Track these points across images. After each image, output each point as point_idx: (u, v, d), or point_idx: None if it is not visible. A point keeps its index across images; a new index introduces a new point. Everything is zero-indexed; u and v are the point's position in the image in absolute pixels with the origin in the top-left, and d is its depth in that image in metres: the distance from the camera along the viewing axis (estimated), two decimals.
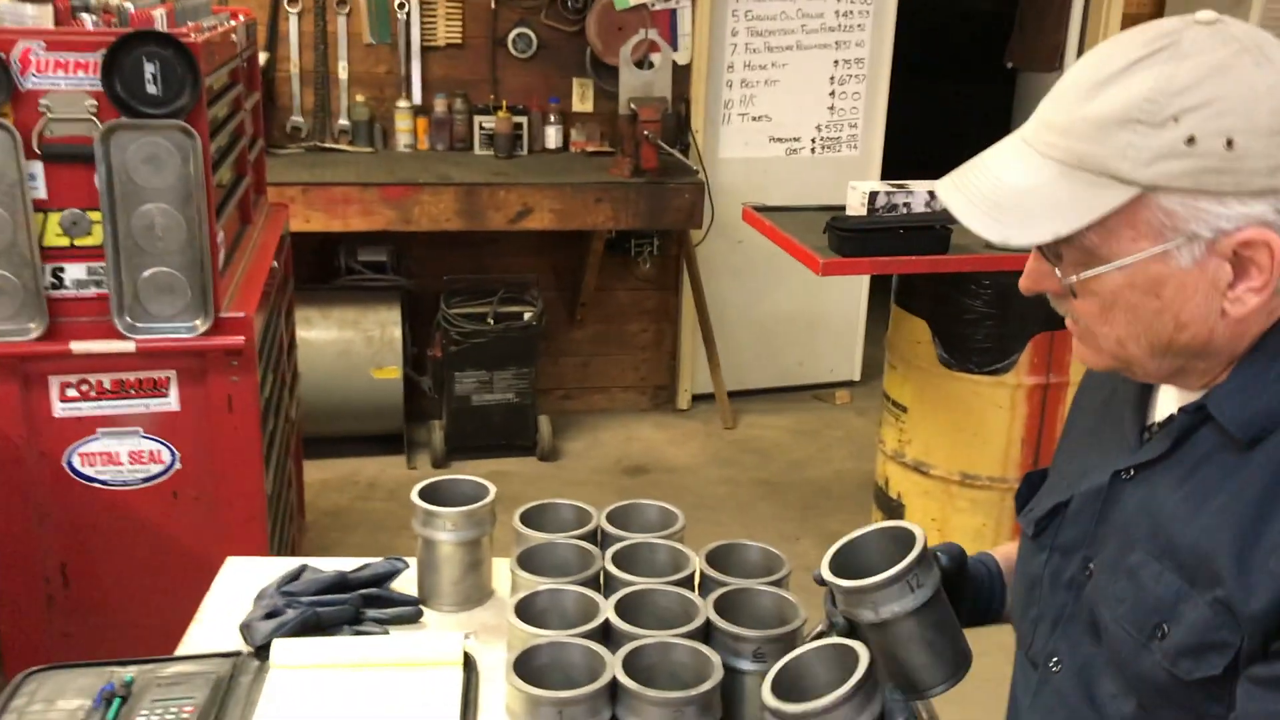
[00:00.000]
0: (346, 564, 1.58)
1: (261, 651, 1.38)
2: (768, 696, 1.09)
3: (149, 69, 2.06)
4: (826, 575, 1.15)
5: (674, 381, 4.88)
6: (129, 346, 2.17)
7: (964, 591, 1.23)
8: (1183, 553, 0.96)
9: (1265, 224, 0.89)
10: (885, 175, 4.74)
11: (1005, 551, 1.31)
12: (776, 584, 1.35)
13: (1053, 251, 0.97)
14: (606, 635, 1.27)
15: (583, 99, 4.42)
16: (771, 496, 4.12)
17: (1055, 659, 1.10)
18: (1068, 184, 0.92)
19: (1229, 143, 0.87)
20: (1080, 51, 4.83)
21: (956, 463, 3.28)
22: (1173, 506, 0.99)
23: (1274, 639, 0.89)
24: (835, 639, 1.14)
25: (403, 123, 4.30)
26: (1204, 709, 0.95)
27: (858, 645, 1.11)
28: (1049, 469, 1.22)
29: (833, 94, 4.76)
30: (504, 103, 4.30)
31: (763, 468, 4.38)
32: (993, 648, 1.27)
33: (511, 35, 4.31)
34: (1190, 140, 0.87)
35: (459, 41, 4.30)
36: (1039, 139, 0.95)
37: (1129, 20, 4.71)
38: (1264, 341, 0.96)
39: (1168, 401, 1.06)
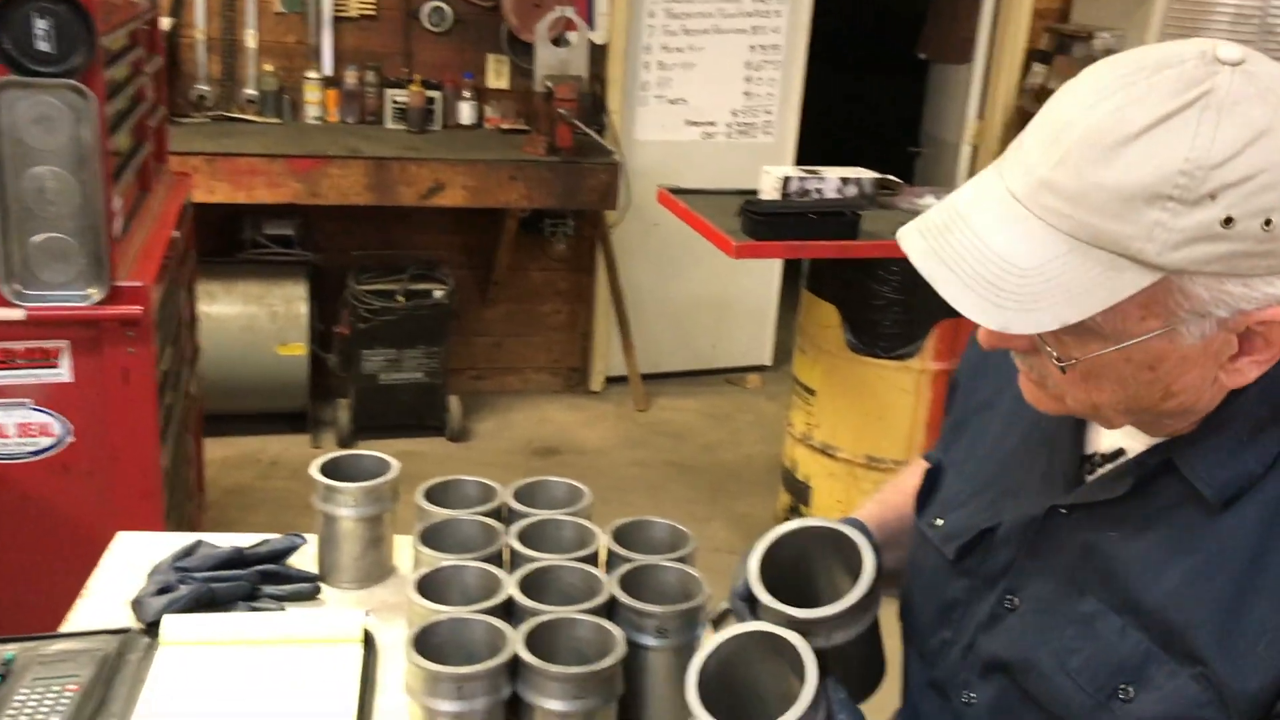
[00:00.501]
0: (243, 540, 1.54)
1: (152, 628, 1.34)
2: (700, 713, 0.96)
3: (40, 25, 1.98)
4: (767, 600, 1.03)
5: (587, 363, 4.87)
6: (18, 315, 2.09)
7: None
8: (1148, 613, 0.90)
9: None
10: (799, 162, 4.78)
11: (874, 516, 1.25)
12: (682, 560, 1.35)
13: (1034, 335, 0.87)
14: (509, 612, 1.25)
15: (498, 75, 4.37)
16: (683, 479, 4.13)
17: (968, 692, 1.04)
18: (1079, 264, 0.78)
19: (1267, 222, 0.76)
20: (991, 44, 4.91)
21: (862, 446, 3.32)
22: (1130, 558, 0.92)
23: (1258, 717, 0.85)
24: (756, 626, 1.02)
25: (312, 94, 4.21)
26: None
27: (794, 640, 0.99)
28: (943, 462, 1.15)
29: (749, 79, 4.77)
30: (417, 77, 4.23)
31: (674, 450, 4.39)
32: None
33: (426, 8, 4.24)
34: (1227, 221, 0.76)
35: (372, 13, 4.22)
36: (1039, 203, 0.80)
37: (1039, 15, 4.80)
38: (1234, 400, 0.88)
39: (1112, 434, 0.97)
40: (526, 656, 1.13)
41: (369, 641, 1.36)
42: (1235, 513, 0.87)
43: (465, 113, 4.31)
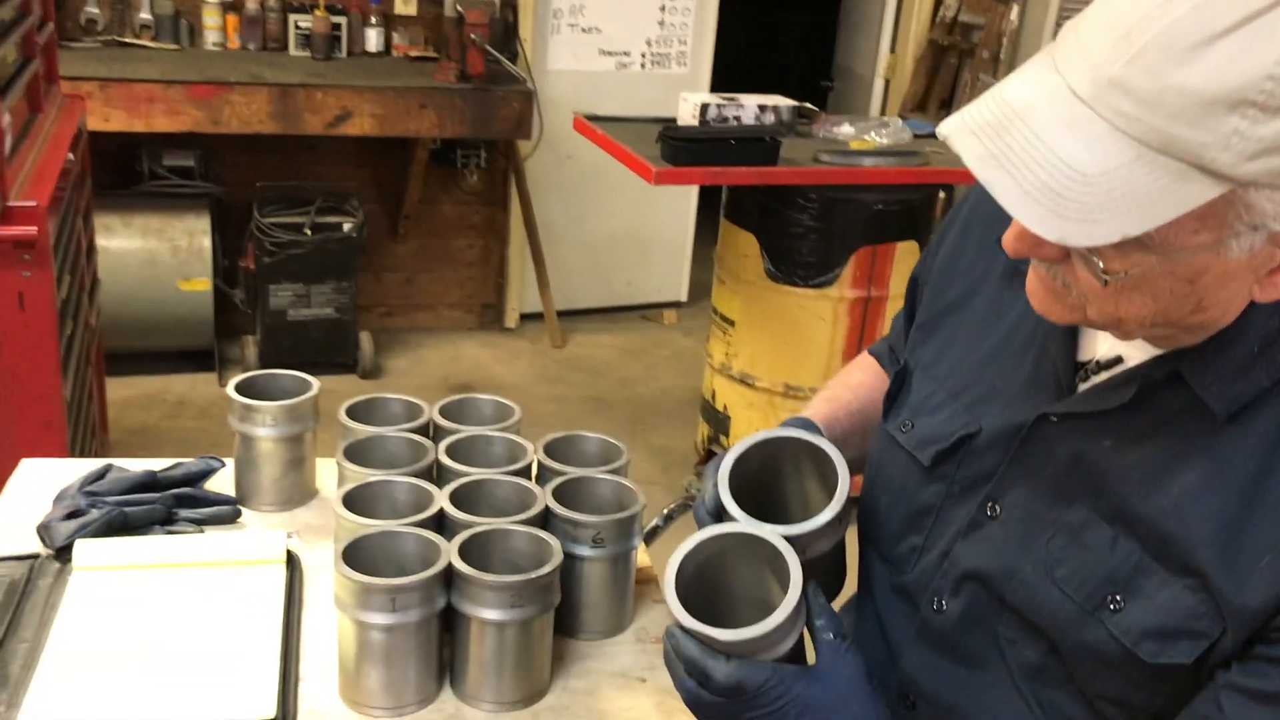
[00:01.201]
0: (156, 464, 1.48)
1: (62, 554, 1.28)
2: (681, 614, 0.92)
3: None
4: (740, 515, 0.99)
5: (502, 300, 4.80)
6: None
7: None
8: (1143, 524, 0.89)
9: None
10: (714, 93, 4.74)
11: (825, 415, 1.22)
12: (615, 472, 1.32)
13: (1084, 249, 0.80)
14: (441, 527, 1.21)
15: (406, 1, 4.24)
16: (600, 413, 4.11)
17: (940, 598, 1.03)
18: (1146, 173, 0.72)
19: None
20: None
21: (780, 374, 3.33)
22: (1125, 467, 0.90)
23: (1259, 642, 0.84)
24: (730, 528, 0.98)
25: (211, 19, 4.04)
26: (1145, 682, 0.90)
27: (775, 540, 0.96)
28: (909, 363, 1.12)
29: (663, 9, 4.71)
30: (322, 1, 4.08)
31: (591, 385, 4.36)
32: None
33: None
34: None
35: None
36: (1107, 104, 0.73)
37: None
38: (1248, 313, 0.85)
39: (1110, 340, 0.94)
40: (461, 566, 1.10)
41: (293, 562, 1.32)
42: (1240, 427, 0.86)
43: (372, 39, 4.18)
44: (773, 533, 0.97)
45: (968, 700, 1.02)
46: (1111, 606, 0.89)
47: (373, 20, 4.16)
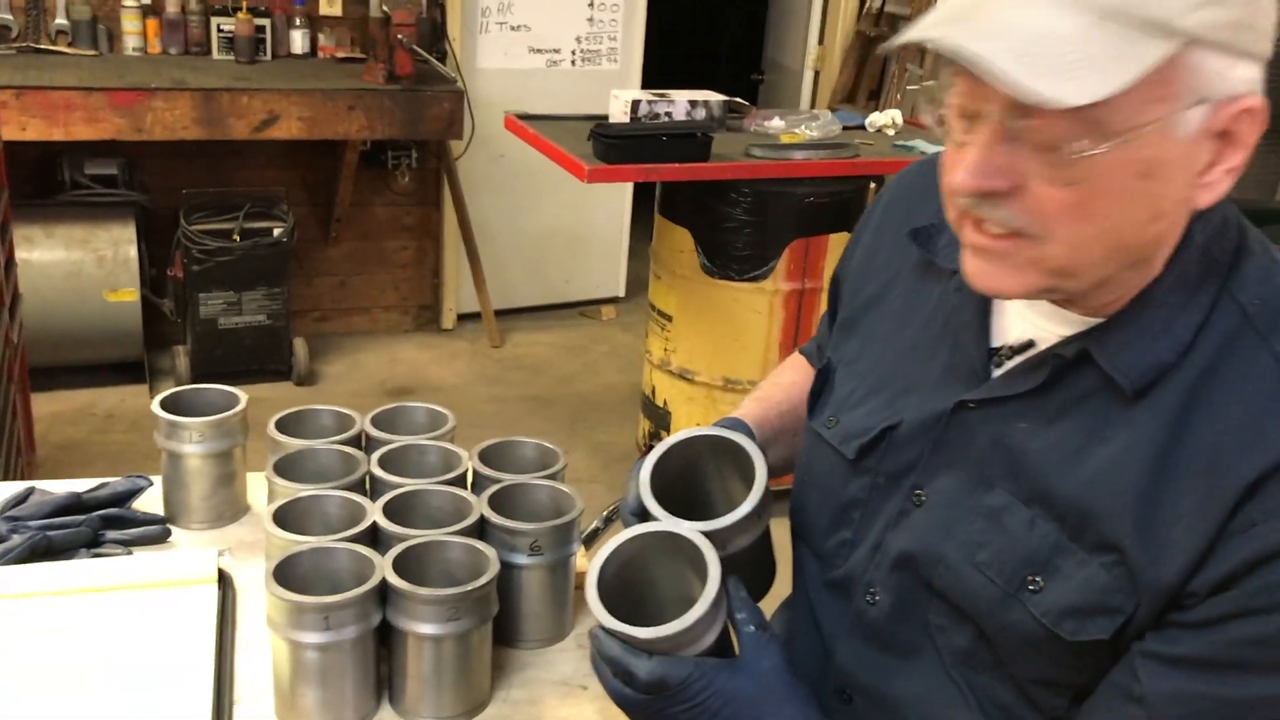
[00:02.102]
0: (81, 485, 1.44)
1: None
2: (602, 615, 0.94)
3: None
4: (660, 513, 1.02)
5: (438, 300, 4.76)
6: None
7: None
8: (1060, 503, 0.90)
9: (1255, 91, 0.81)
10: (645, 89, 4.73)
11: (756, 414, 1.23)
12: (552, 477, 1.32)
13: (1018, 130, 0.81)
14: (376, 540, 1.20)
15: (330, 2, 4.18)
16: (540, 411, 4.09)
17: (873, 590, 1.04)
18: (1104, 34, 0.76)
19: None
20: None
21: (719, 368, 3.34)
22: (1041, 449, 0.92)
23: (1172, 610, 0.86)
24: (654, 527, 1.00)
25: (130, 23, 3.94)
26: (1068, 660, 0.91)
27: (695, 537, 0.98)
28: (833, 360, 1.14)
29: (592, 5, 4.69)
30: (244, 4, 4.01)
31: (531, 384, 4.34)
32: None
33: None
34: None
35: None
36: None
37: None
38: (1150, 290, 0.88)
39: (1019, 323, 0.97)
40: (395, 580, 1.08)
41: (225, 581, 1.29)
42: (1149, 401, 0.87)
43: (298, 41, 4.11)
44: (691, 529, 0.98)
45: (902, 691, 1.03)
46: (1031, 588, 0.91)
47: (298, 22, 4.10)
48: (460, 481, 1.31)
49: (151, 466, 1.44)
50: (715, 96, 3.48)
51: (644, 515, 1.02)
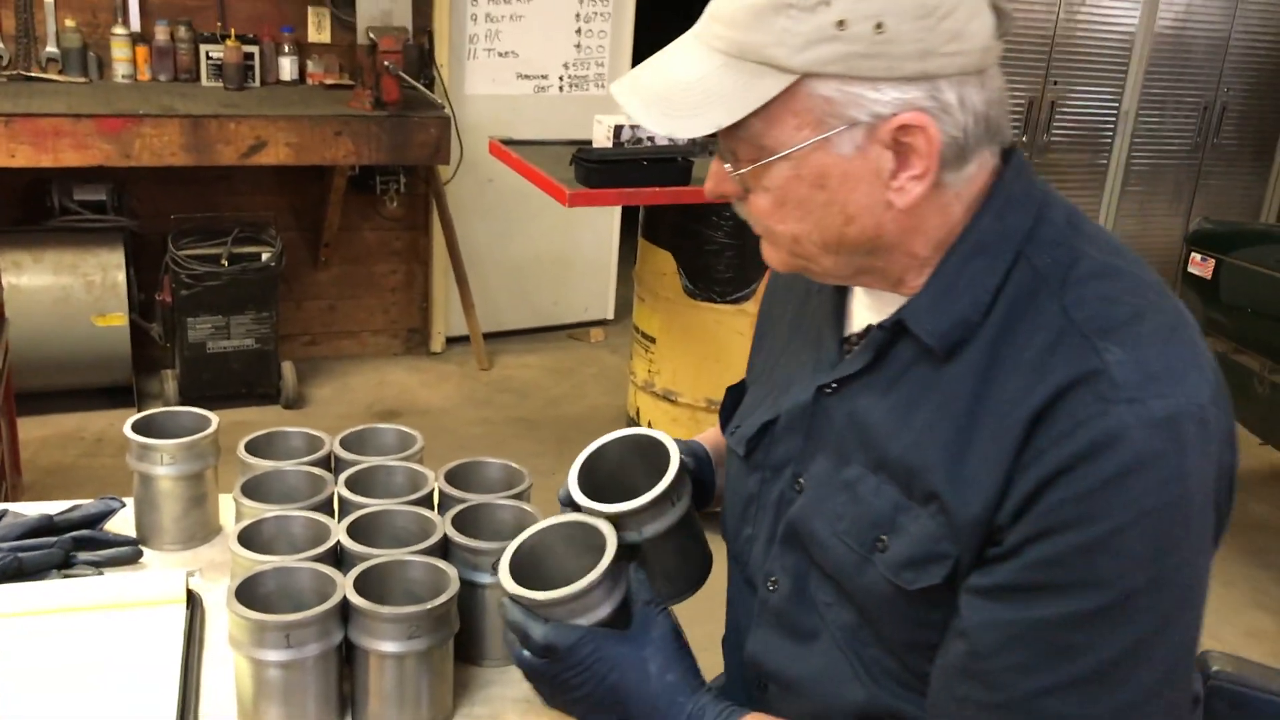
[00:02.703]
0: (53, 507, 1.46)
1: None
2: (506, 581, 1.06)
3: None
4: (581, 500, 1.13)
5: (427, 324, 4.78)
6: None
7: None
8: (895, 465, 0.98)
9: (921, 109, 0.90)
10: None
11: (711, 437, 1.34)
12: (517, 498, 1.33)
13: (728, 149, 0.97)
14: (340, 560, 1.22)
15: (319, 29, 4.23)
16: (528, 434, 4.11)
17: (772, 578, 1.11)
18: (731, 74, 0.91)
19: (878, 26, 0.87)
20: None
21: (702, 390, 3.37)
22: (879, 419, 1.00)
23: (988, 546, 0.92)
24: (574, 516, 1.13)
25: (120, 51, 3.98)
26: (924, 616, 0.97)
27: (600, 523, 1.10)
28: (747, 380, 1.25)
29: (579, 32, 4.73)
30: (232, 31, 4.05)
31: (519, 406, 4.36)
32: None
33: None
34: (840, 24, 0.87)
35: None
36: (706, 31, 0.94)
37: None
38: (952, 250, 0.97)
39: (863, 313, 1.08)
40: (355, 599, 1.10)
41: (194, 601, 1.31)
42: (959, 360, 0.96)
43: (286, 68, 4.16)
44: (599, 512, 1.10)
45: (803, 672, 1.09)
46: (880, 548, 0.99)
47: (286, 49, 4.14)
48: (426, 501, 1.33)
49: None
50: None
51: (575, 506, 1.14)
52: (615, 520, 1.10)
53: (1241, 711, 1.30)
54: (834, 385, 1.06)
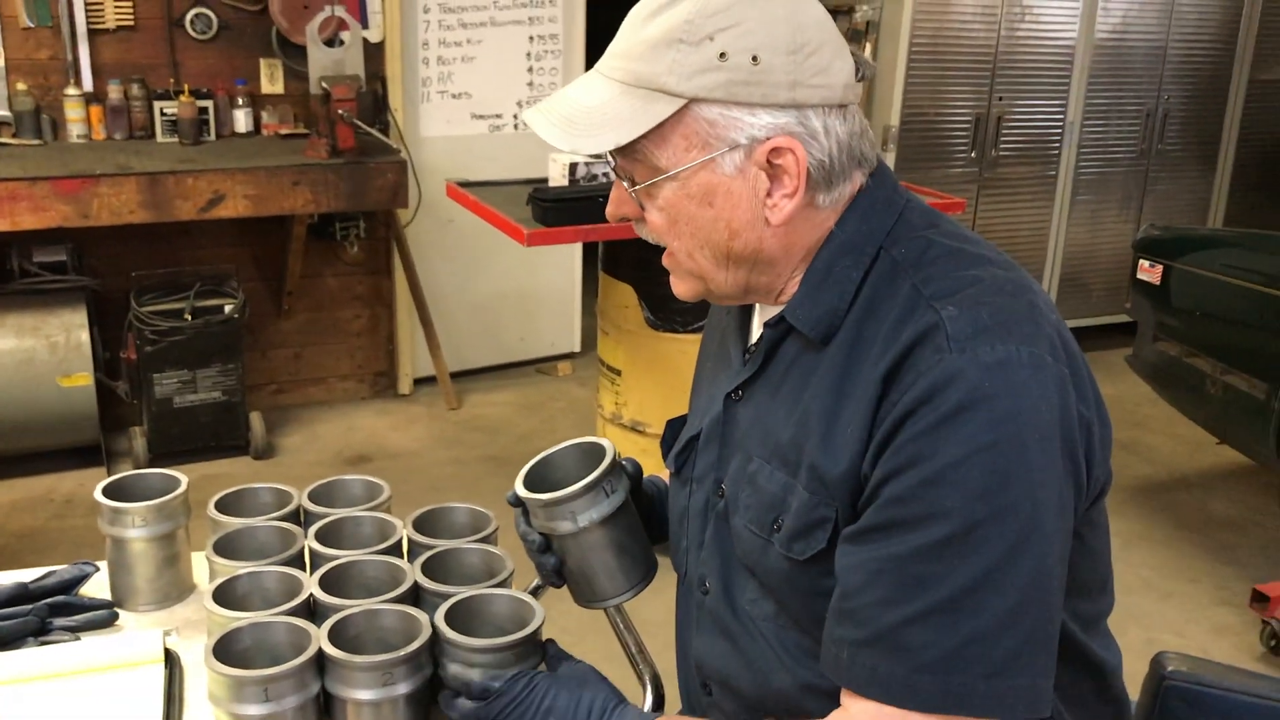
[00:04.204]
0: (27, 575, 1.48)
1: None
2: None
3: None
4: (522, 493, 1.23)
5: (393, 367, 4.80)
6: None
7: (641, 503, 1.33)
8: (785, 449, 1.09)
9: (790, 134, 1.03)
10: None
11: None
12: (484, 541, 1.37)
13: (625, 171, 1.08)
14: (314, 612, 1.24)
15: (272, 80, 4.26)
16: (499, 472, 4.13)
17: (705, 582, 1.21)
18: (627, 100, 1.03)
19: (754, 59, 1.00)
20: None
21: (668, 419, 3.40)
22: (774, 411, 1.11)
23: (858, 499, 1.02)
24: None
25: (74, 112, 4.00)
26: (820, 584, 1.06)
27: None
28: (689, 413, 1.33)
29: (531, 70, 4.79)
30: (186, 87, 4.08)
31: (489, 445, 4.38)
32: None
33: (189, 16, 4.09)
34: (723, 56, 1.00)
35: (130, 23, 4.04)
36: (607, 65, 1.07)
37: None
38: (819, 254, 1.09)
39: (758, 327, 1.19)
40: (330, 650, 1.13)
41: (172, 660, 1.33)
42: (834, 346, 1.07)
43: (241, 120, 4.19)
44: (535, 501, 1.22)
45: (737, 668, 1.17)
46: (776, 528, 1.09)
47: (240, 101, 4.18)
48: (395, 550, 1.36)
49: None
50: None
51: (521, 505, 1.27)
52: (551, 508, 1.21)
53: (1197, 709, 1.34)
54: (739, 392, 1.17)
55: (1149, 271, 3.71)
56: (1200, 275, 3.55)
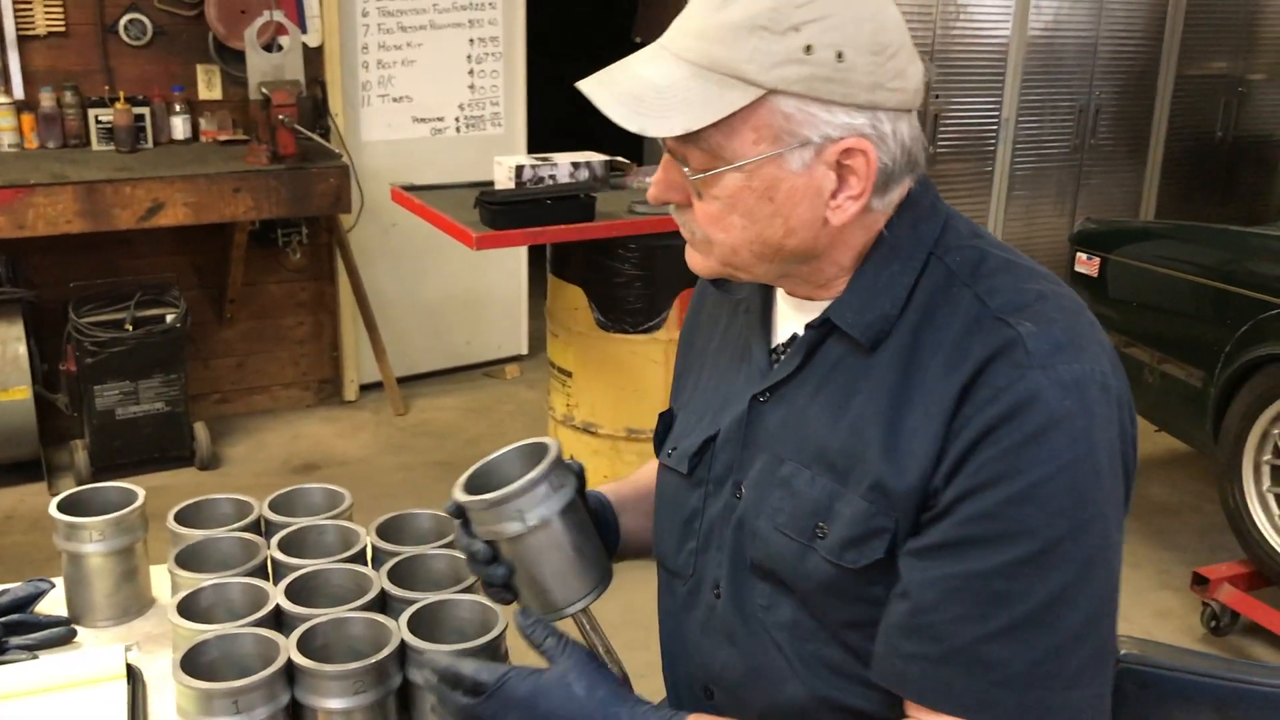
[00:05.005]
0: None
1: None
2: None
3: None
4: (461, 497, 1.16)
5: (339, 373, 4.76)
6: None
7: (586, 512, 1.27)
8: (832, 455, 1.05)
9: (864, 135, 1.00)
10: (533, 151, 4.83)
11: (613, 489, 1.37)
12: (449, 547, 1.37)
13: (681, 154, 1.03)
14: (281, 623, 1.24)
15: (209, 86, 4.20)
16: (449, 477, 4.06)
17: (717, 586, 1.17)
18: (700, 84, 0.98)
19: (840, 55, 0.97)
20: None
21: (621, 420, 3.41)
22: (813, 415, 1.08)
23: (923, 512, 1.00)
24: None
25: (4, 120, 3.91)
26: (866, 593, 1.04)
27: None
28: (674, 408, 1.30)
29: (472, 73, 4.78)
30: (122, 93, 4.01)
31: (438, 449, 4.36)
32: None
33: (123, 21, 4.02)
34: (808, 49, 0.96)
35: (61, 29, 3.96)
36: (677, 44, 1.01)
37: None
38: (869, 256, 1.07)
39: (787, 324, 1.16)
40: (299, 660, 1.12)
41: (134, 675, 1.31)
42: (884, 351, 1.05)
43: (179, 127, 4.13)
44: (478, 504, 1.14)
45: (743, 675, 1.15)
46: (820, 535, 1.06)
47: (177, 108, 4.12)
48: (360, 558, 1.35)
49: (56, 566, 1.46)
50: (597, 157, 3.58)
51: (461, 515, 1.19)
52: (497, 508, 1.13)
53: (1149, 690, 1.37)
54: (766, 394, 1.13)
55: (1086, 264, 3.79)
56: (1136, 267, 3.63)
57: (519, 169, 3.38)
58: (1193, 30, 5.92)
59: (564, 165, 3.47)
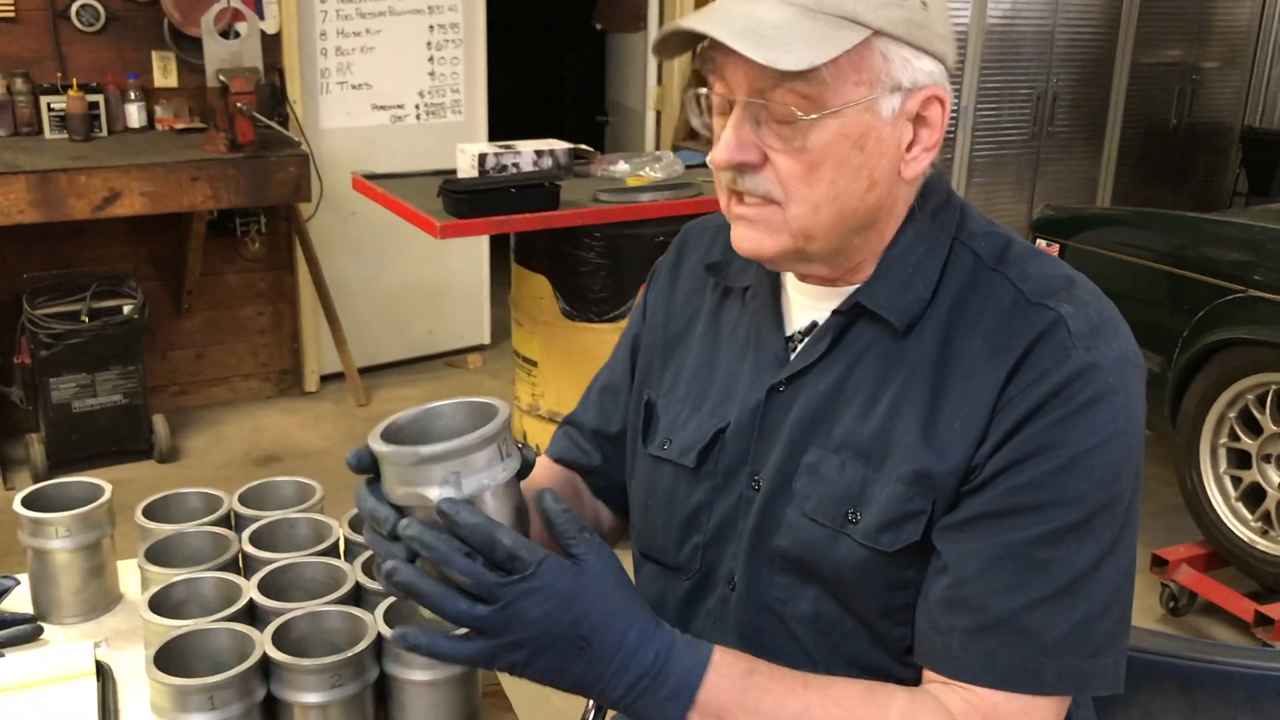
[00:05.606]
0: None
1: None
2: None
3: None
4: (378, 446, 0.92)
5: (299, 364, 4.72)
6: None
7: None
8: (864, 441, 1.06)
9: (940, 85, 1.03)
10: (494, 138, 4.79)
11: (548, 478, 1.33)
12: None
13: (756, 112, 1.01)
14: (254, 617, 1.22)
15: (165, 73, 4.14)
16: None
17: (732, 579, 1.15)
18: (812, 23, 0.98)
19: (924, 3, 1.01)
20: (661, 14, 5.10)
21: None
22: (843, 402, 1.08)
23: (961, 488, 1.01)
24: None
25: None
26: (899, 576, 1.05)
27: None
28: (650, 396, 1.25)
29: (432, 60, 4.74)
30: (74, 81, 3.94)
31: None
32: None
33: (75, 6, 3.95)
34: None
35: (10, 14, 3.89)
36: None
37: None
38: (896, 240, 1.09)
39: (802, 313, 1.15)
40: (275, 654, 1.11)
41: (103, 672, 1.29)
42: (916, 336, 1.06)
43: (134, 115, 4.06)
44: (398, 457, 0.91)
45: None
46: (852, 520, 1.06)
47: (132, 95, 4.05)
48: (333, 551, 1.34)
49: (13, 560, 1.43)
50: (561, 145, 3.56)
51: (373, 469, 0.96)
52: (426, 466, 0.90)
53: None
54: (784, 383, 1.12)
55: (1046, 250, 3.83)
56: (1095, 253, 3.67)
57: (482, 157, 3.36)
58: (1148, 19, 5.99)
59: (527, 153, 3.45)
